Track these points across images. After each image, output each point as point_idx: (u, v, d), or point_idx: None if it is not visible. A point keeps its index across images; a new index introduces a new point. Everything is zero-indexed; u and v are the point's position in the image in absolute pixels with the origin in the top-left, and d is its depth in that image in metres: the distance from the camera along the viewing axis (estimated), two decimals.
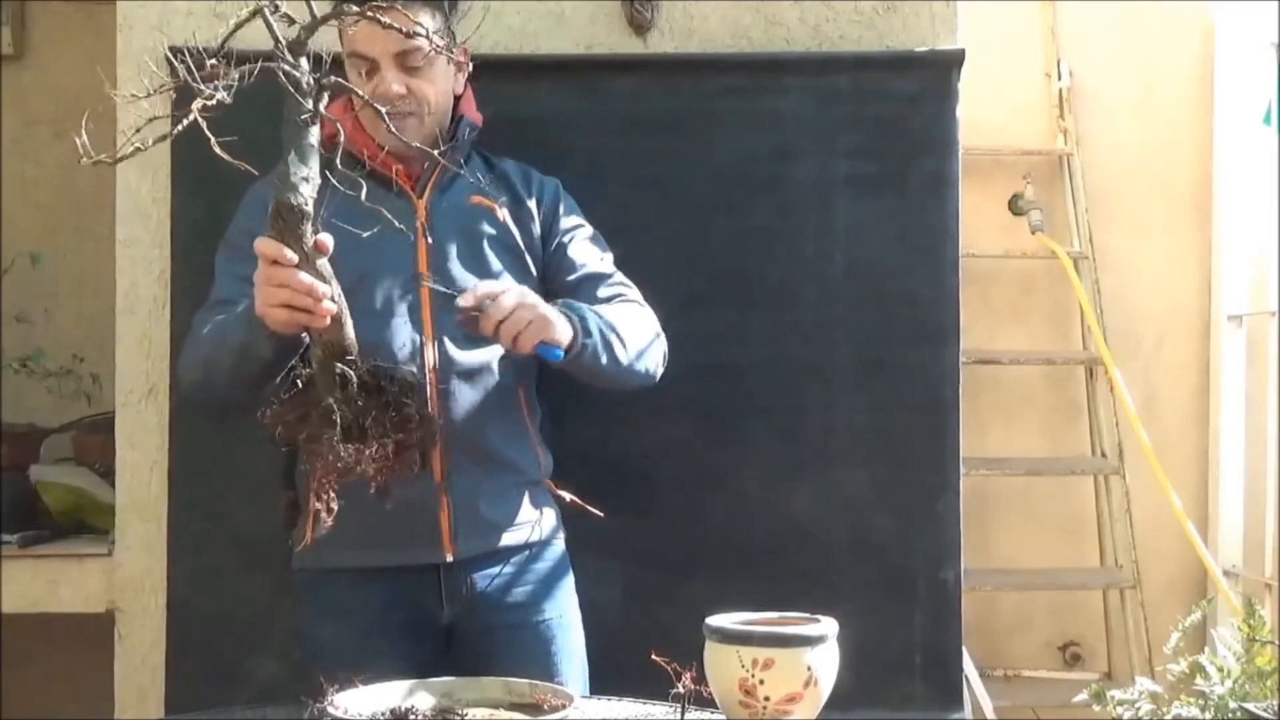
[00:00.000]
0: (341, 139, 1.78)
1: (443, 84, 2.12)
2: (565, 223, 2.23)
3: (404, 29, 1.85)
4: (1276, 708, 1.57)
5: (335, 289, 1.76)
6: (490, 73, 2.33)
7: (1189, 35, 3.84)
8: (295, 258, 1.71)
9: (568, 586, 2.22)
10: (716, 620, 1.64)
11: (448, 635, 2.12)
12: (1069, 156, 3.79)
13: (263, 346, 1.86)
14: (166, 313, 2.65)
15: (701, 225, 2.65)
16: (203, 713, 2.15)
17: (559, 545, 2.23)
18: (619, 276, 2.23)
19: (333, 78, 1.69)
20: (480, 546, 2.10)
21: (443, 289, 1.99)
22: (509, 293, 1.94)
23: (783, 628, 1.63)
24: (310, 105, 1.65)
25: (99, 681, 2.76)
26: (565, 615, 2.19)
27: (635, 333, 2.12)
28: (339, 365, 1.76)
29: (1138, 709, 1.65)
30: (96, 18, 3.29)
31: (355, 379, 1.75)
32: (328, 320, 1.75)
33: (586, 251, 2.22)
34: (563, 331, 1.98)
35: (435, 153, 1.85)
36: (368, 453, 1.75)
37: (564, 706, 1.63)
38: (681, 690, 1.57)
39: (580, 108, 2.64)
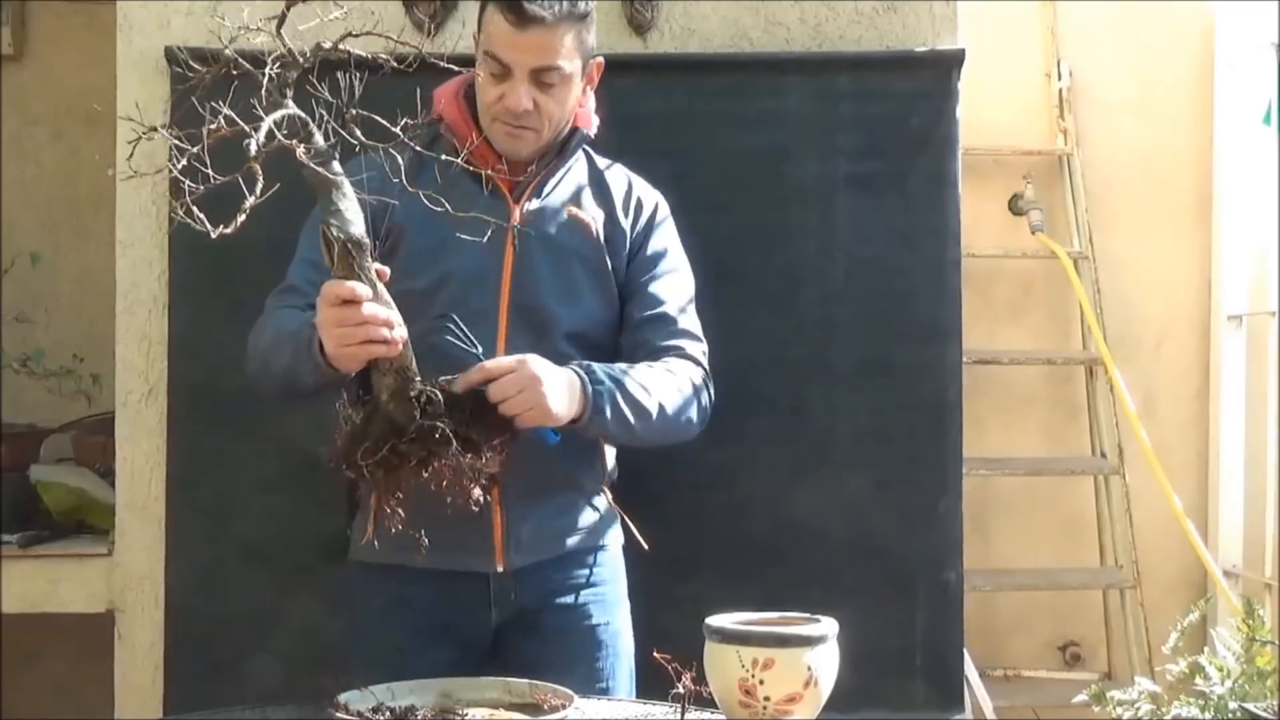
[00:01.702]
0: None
1: (571, 100, 2.06)
2: (651, 250, 2.15)
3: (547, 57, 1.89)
4: (1276, 708, 1.57)
5: (396, 311, 1.75)
6: None
7: (1189, 35, 3.84)
8: (369, 292, 1.71)
9: (618, 593, 2.17)
10: (716, 620, 1.64)
11: (495, 636, 2.08)
12: (1069, 156, 3.79)
13: (309, 378, 1.87)
14: (166, 313, 2.65)
15: (701, 225, 2.64)
16: (203, 713, 2.15)
17: (613, 552, 2.18)
18: (685, 321, 2.14)
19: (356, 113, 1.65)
20: (531, 558, 2.06)
21: (463, 344, 1.93)
22: (517, 375, 1.85)
23: (783, 628, 1.63)
24: (322, 143, 1.63)
25: (99, 681, 2.76)
26: (614, 622, 2.14)
27: (664, 403, 2.03)
28: (418, 387, 1.74)
29: (1138, 709, 1.65)
30: (96, 18, 3.30)
31: (440, 396, 1.74)
32: (400, 347, 1.74)
33: (664, 289, 2.14)
34: (566, 413, 1.91)
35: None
36: (485, 458, 1.76)
37: (564, 706, 1.63)
38: (681, 690, 1.57)
39: None
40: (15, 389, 3.29)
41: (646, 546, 2.12)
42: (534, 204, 2.08)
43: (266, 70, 1.57)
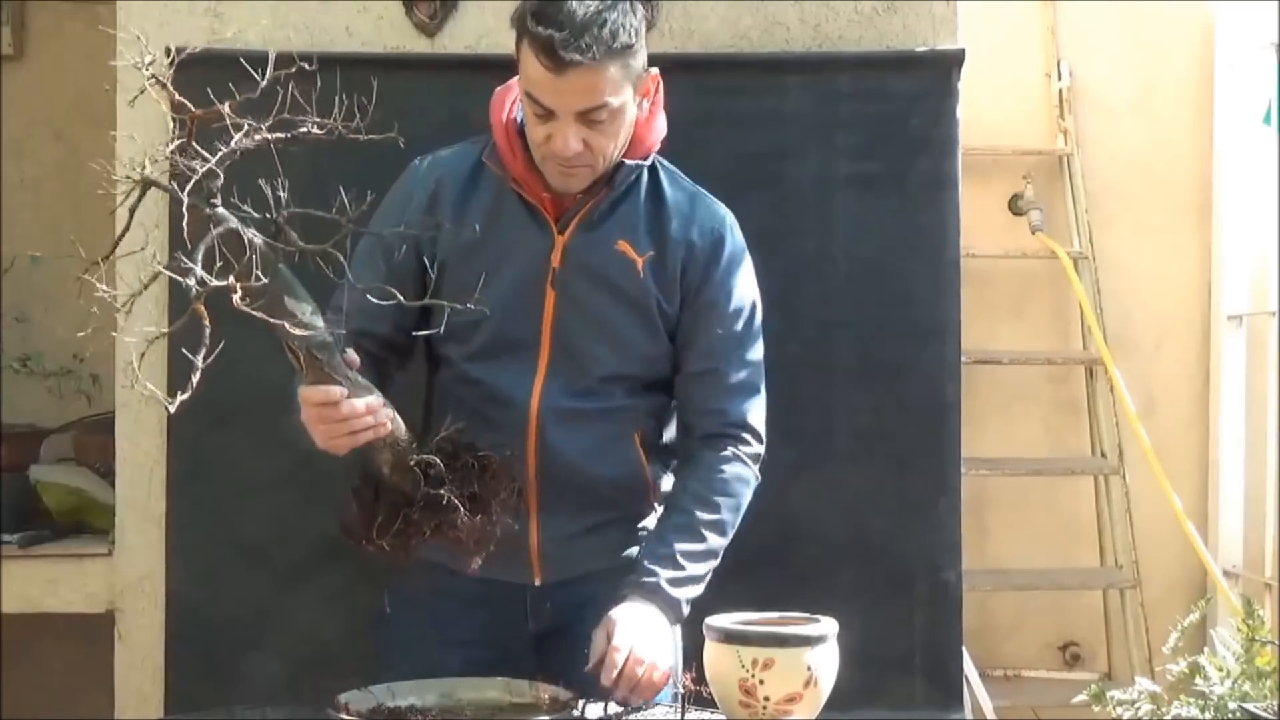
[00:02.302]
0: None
1: (625, 129, 1.93)
2: (706, 297, 2.02)
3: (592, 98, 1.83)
4: (1276, 708, 1.57)
5: (375, 392, 1.73)
6: (491, 73, 2.32)
7: (1189, 35, 3.85)
8: (343, 391, 1.68)
9: None
10: (716, 620, 1.65)
11: (537, 645, 2.04)
12: (1069, 156, 3.79)
13: (317, 448, 1.83)
14: (166, 313, 2.65)
15: None
16: (203, 713, 2.15)
17: None
18: (739, 376, 2.03)
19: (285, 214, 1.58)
20: (567, 573, 2.02)
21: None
22: (629, 672, 1.80)
23: (783, 628, 1.64)
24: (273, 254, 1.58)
25: (99, 681, 2.76)
26: None
27: (726, 539, 2.01)
28: (415, 458, 1.75)
29: (1137, 709, 1.65)
30: (96, 18, 3.29)
31: (439, 462, 1.75)
32: (388, 426, 1.73)
33: (717, 344, 2.02)
34: (674, 645, 1.91)
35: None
36: (495, 514, 1.78)
37: (564, 706, 1.63)
38: (681, 690, 1.57)
39: None
40: (15, 389, 3.29)
41: None
42: (580, 236, 1.98)
43: (183, 194, 1.50)
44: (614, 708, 1.79)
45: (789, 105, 2.68)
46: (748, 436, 2.05)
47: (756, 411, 2.06)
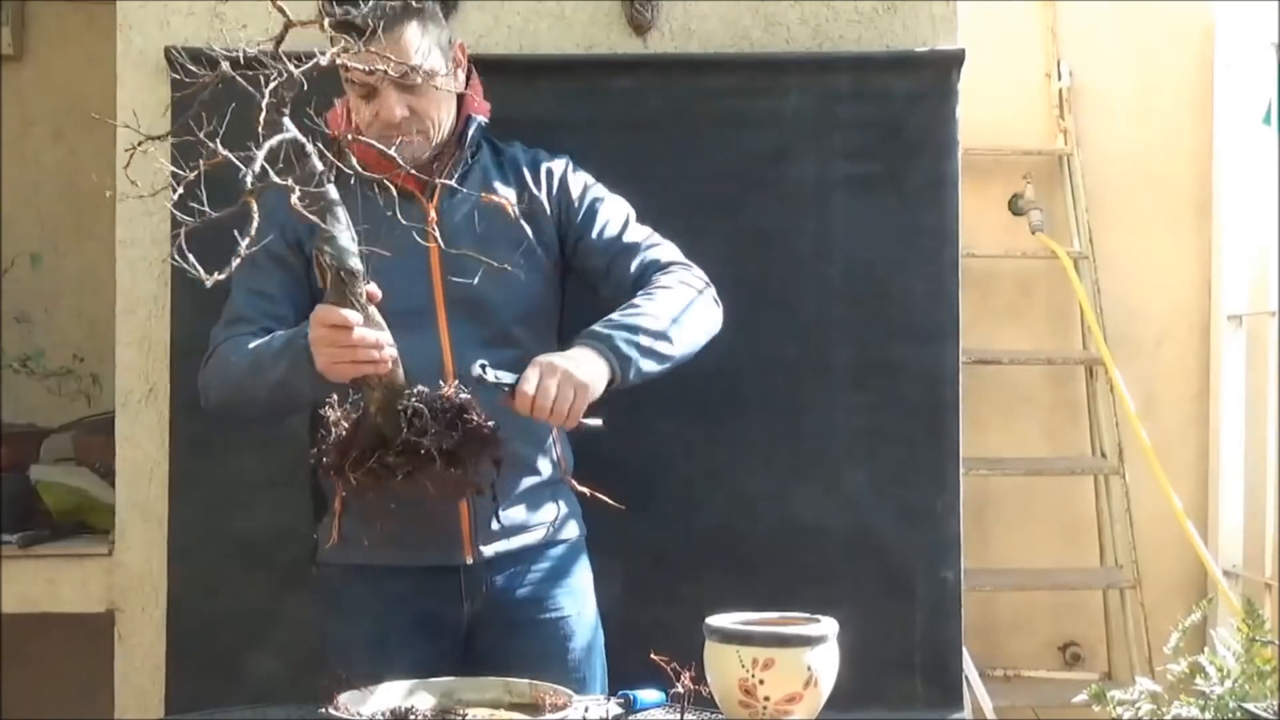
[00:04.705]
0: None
1: (445, 95, 2.10)
2: (578, 203, 2.21)
3: (401, 61, 1.90)
4: (1276, 708, 1.57)
5: (385, 332, 1.80)
6: (490, 73, 2.33)
7: (1189, 35, 3.85)
8: (360, 318, 1.76)
9: (586, 584, 2.23)
10: (716, 620, 1.65)
11: (468, 632, 2.13)
12: (1069, 156, 3.79)
13: (306, 386, 1.91)
14: (167, 313, 2.65)
15: (701, 225, 2.65)
16: (203, 713, 2.15)
17: (579, 544, 2.24)
18: (647, 242, 2.20)
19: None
20: (499, 548, 2.11)
21: (500, 382, 1.92)
22: (546, 381, 1.90)
23: (783, 628, 1.64)
24: (319, 170, 1.65)
25: (99, 681, 2.76)
26: (584, 612, 2.20)
27: (672, 316, 2.08)
28: (405, 403, 1.80)
29: (1138, 709, 1.65)
30: (96, 18, 3.30)
31: (426, 412, 1.80)
32: (389, 365, 1.80)
33: (607, 228, 2.20)
34: (603, 380, 1.96)
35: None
36: (471, 472, 1.84)
37: (564, 706, 1.63)
38: (681, 690, 1.57)
39: (580, 108, 2.64)
40: (15, 389, 3.29)
41: (622, 507, 2.08)
42: (448, 197, 2.12)
43: (264, 94, 1.56)
44: (614, 709, 1.79)
45: (789, 105, 2.68)
46: (677, 259, 2.20)
47: (674, 251, 2.21)
